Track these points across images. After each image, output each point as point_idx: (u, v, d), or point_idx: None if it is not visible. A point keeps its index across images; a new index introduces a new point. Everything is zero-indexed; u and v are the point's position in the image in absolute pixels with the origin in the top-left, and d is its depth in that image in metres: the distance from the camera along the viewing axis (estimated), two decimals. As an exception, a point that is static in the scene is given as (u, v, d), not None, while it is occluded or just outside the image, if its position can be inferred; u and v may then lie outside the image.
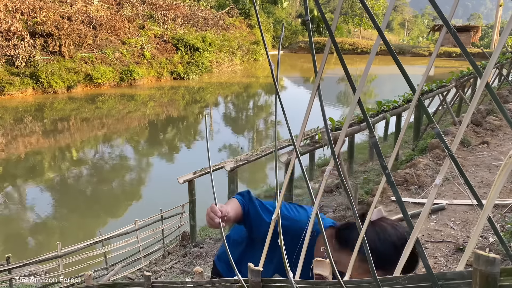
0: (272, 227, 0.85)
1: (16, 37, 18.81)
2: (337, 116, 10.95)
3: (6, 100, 17.58)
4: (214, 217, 1.27)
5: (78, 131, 15.31)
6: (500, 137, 6.27)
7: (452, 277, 0.58)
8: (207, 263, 5.07)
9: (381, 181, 0.71)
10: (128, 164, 11.98)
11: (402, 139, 4.74)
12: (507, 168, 0.54)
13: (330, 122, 4.97)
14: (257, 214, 1.43)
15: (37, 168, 11.70)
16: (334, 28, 0.66)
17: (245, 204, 1.45)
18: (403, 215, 0.62)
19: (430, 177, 4.66)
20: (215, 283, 0.88)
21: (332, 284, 0.70)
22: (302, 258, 0.77)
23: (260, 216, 1.42)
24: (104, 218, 8.85)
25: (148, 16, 27.90)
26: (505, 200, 3.83)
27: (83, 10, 23.73)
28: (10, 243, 7.64)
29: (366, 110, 0.65)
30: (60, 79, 19.25)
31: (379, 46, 0.66)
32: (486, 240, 3.14)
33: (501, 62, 10.24)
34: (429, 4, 0.62)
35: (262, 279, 0.80)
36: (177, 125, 16.77)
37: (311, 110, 0.72)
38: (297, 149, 0.72)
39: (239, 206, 1.44)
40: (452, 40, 30.45)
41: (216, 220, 1.27)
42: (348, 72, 0.66)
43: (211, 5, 36.68)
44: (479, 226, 0.57)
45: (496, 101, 0.56)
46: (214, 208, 1.29)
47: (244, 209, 1.43)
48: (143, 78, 22.85)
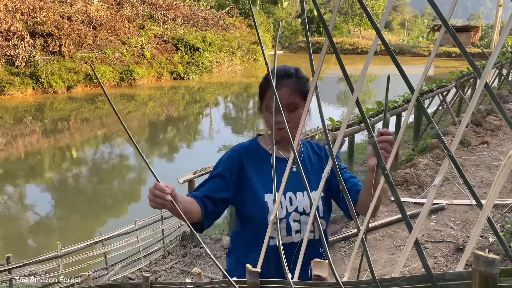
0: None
1: (16, 37, 18.81)
2: (337, 116, 10.94)
3: (6, 100, 17.57)
4: (161, 195, 1.07)
5: (78, 131, 15.31)
6: (500, 137, 6.27)
7: (452, 277, 0.58)
8: (207, 263, 5.07)
9: (380, 181, 0.71)
10: (128, 164, 11.97)
11: (402, 139, 4.76)
12: (506, 168, 0.53)
13: (330, 122, 4.96)
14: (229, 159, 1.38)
15: (37, 168, 11.70)
16: (332, 28, 0.65)
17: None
18: (402, 215, 0.62)
19: (430, 177, 4.66)
20: (214, 284, 0.88)
21: (331, 285, 0.70)
22: (301, 257, 0.77)
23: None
24: (104, 218, 8.85)
25: (148, 16, 27.91)
26: (505, 200, 3.82)
27: (83, 10, 23.73)
28: (10, 243, 7.64)
29: (365, 111, 0.65)
30: (60, 79, 19.25)
31: (379, 46, 0.66)
32: (486, 240, 3.13)
33: (501, 62, 10.24)
34: (429, 4, 0.62)
35: (260, 280, 0.79)
36: (177, 125, 16.77)
37: (309, 110, 0.72)
38: (294, 150, 0.72)
39: (193, 199, 1.28)
40: (452, 40, 30.31)
41: (167, 197, 1.07)
42: (346, 71, 0.66)
43: (211, 5, 36.69)
44: (479, 226, 0.57)
45: (496, 101, 0.56)
46: (158, 185, 1.08)
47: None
48: (143, 78, 22.85)
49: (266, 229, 1.32)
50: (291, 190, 1.36)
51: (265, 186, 1.36)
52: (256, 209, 1.34)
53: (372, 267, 0.65)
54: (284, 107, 1.29)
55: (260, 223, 1.33)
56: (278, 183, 1.36)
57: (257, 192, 1.35)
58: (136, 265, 6.69)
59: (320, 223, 1.34)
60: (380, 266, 3.03)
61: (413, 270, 2.83)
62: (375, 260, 3.11)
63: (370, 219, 0.78)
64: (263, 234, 1.33)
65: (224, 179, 1.35)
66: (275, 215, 0.82)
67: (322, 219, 1.38)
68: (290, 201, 1.35)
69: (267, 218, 1.32)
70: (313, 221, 1.32)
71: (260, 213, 1.33)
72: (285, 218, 1.34)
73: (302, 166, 1.35)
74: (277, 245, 1.31)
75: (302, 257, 0.77)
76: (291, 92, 1.29)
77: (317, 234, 1.36)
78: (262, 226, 1.33)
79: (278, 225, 1.31)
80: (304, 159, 1.42)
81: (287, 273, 0.75)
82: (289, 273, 0.76)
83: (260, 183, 1.36)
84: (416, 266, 2.86)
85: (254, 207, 1.35)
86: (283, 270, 0.78)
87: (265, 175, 1.38)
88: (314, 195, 1.37)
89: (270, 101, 1.31)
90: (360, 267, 1.37)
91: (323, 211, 1.39)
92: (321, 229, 0.73)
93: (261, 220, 1.33)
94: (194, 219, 1.27)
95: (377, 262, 3.09)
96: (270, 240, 1.34)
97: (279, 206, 1.34)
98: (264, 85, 1.35)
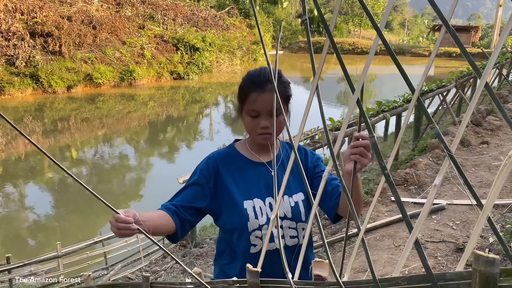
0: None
1: (16, 37, 18.81)
2: (337, 116, 10.95)
3: (6, 100, 17.58)
4: (126, 226, 0.99)
5: (78, 131, 15.31)
6: (500, 137, 6.27)
7: (452, 277, 0.58)
8: (207, 263, 5.08)
9: (380, 181, 0.71)
10: (128, 164, 11.98)
11: (402, 139, 4.77)
12: (507, 168, 0.54)
13: (330, 122, 4.97)
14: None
15: (37, 168, 11.71)
16: (332, 28, 0.65)
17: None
18: (402, 215, 0.62)
19: (430, 177, 4.66)
20: (213, 284, 0.88)
21: (331, 285, 0.70)
22: (301, 257, 0.77)
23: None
24: (104, 218, 8.85)
25: (148, 16, 27.91)
26: (505, 200, 3.83)
27: (83, 10, 23.73)
28: (10, 243, 7.64)
29: (366, 110, 0.65)
30: (60, 79, 19.25)
31: (379, 46, 0.66)
32: (486, 240, 3.14)
33: (501, 62, 10.24)
34: (429, 4, 0.62)
35: (260, 280, 0.79)
36: (177, 125, 16.77)
37: (309, 110, 0.72)
38: (295, 149, 0.72)
39: (162, 212, 1.23)
40: (452, 40, 30.33)
41: (133, 227, 0.99)
42: (347, 72, 0.66)
43: (211, 5, 36.68)
44: (479, 226, 0.57)
45: (496, 101, 0.56)
46: (120, 218, 0.99)
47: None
48: (143, 78, 22.85)
49: (246, 237, 1.31)
50: (270, 195, 1.33)
51: (244, 193, 1.32)
52: (235, 217, 1.30)
53: (372, 267, 0.65)
54: (267, 112, 1.27)
55: (240, 231, 1.30)
56: (257, 188, 1.34)
57: (236, 199, 1.31)
58: (136, 265, 6.69)
59: (303, 228, 1.33)
60: (380, 266, 3.03)
61: (413, 270, 2.83)
62: (375, 260, 3.11)
63: (351, 223, 0.78)
64: (244, 242, 1.31)
65: (201, 187, 1.32)
66: (274, 219, 0.82)
67: (305, 223, 1.33)
68: (270, 206, 1.32)
69: (247, 226, 1.29)
70: (295, 227, 1.32)
71: (240, 221, 1.29)
72: (266, 224, 1.29)
73: (280, 170, 1.34)
74: (259, 252, 1.28)
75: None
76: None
77: (301, 239, 1.33)
78: (243, 234, 1.30)
79: (261, 232, 1.29)
80: (282, 162, 1.38)
81: (287, 273, 0.75)
82: (290, 273, 0.76)
83: (238, 190, 1.33)
84: (416, 266, 2.86)
85: (233, 215, 1.31)
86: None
87: (243, 182, 1.34)
88: (294, 199, 1.34)
89: (252, 105, 1.27)
90: (342, 264, 1.37)
91: (305, 215, 1.35)
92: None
93: (241, 228, 1.29)
94: (166, 233, 1.23)
95: (377, 262, 3.09)
96: (251, 247, 1.30)
97: (260, 213, 1.30)
98: (244, 87, 1.31)
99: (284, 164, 1.38)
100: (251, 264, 1.34)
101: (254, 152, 1.39)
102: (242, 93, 1.32)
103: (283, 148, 1.44)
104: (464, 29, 39.31)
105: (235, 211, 1.30)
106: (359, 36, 47.62)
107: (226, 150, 1.44)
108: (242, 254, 1.32)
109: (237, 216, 1.30)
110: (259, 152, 1.39)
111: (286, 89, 1.32)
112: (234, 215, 1.30)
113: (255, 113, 1.28)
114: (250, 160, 1.38)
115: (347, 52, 38.85)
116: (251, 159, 1.39)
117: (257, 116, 1.28)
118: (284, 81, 1.33)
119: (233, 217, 1.31)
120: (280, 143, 1.45)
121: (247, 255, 1.31)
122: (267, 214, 1.30)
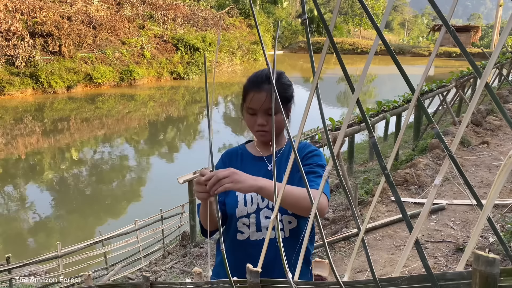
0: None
1: (16, 37, 18.81)
2: (337, 116, 10.95)
3: (6, 100, 17.58)
4: (204, 189, 1.07)
5: (78, 131, 15.31)
6: (500, 137, 6.27)
7: (452, 277, 0.58)
8: (207, 263, 5.07)
9: (380, 181, 0.71)
10: (128, 164, 11.98)
11: (402, 139, 4.75)
12: (507, 168, 0.53)
13: (330, 122, 4.97)
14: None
15: (37, 168, 11.71)
16: (332, 28, 0.65)
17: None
18: (402, 215, 0.62)
19: (430, 177, 4.66)
20: (214, 284, 0.88)
21: (331, 285, 0.70)
22: (301, 256, 0.77)
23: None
24: (104, 218, 8.85)
25: (148, 16, 27.92)
26: (505, 200, 3.83)
27: (83, 10, 23.73)
28: (10, 243, 7.64)
29: (366, 110, 0.65)
30: (60, 79, 19.26)
31: (379, 46, 0.66)
32: (486, 240, 3.14)
33: (501, 62, 10.24)
34: (429, 4, 0.62)
35: (261, 280, 0.79)
36: (177, 125, 16.77)
37: (309, 110, 0.72)
38: (295, 149, 0.72)
39: None
40: (452, 40, 30.38)
41: (211, 199, 1.08)
42: (347, 71, 0.66)
43: (211, 5, 36.69)
44: (479, 226, 0.57)
45: (496, 101, 0.56)
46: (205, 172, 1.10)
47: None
48: (143, 78, 22.86)
49: (234, 223, 1.37)
50: None
51: None
52: (228, 203, 1.38)
53: (372, 266, 0.65)
54: (263, 111, 1.33)
55: (230, 217, 1.37)
56: None
57: None
58: (136, 265, 6.70)
59: (289, 221, 1.34)
60: (380, 266, 3.03)
61: (413, 270, 2.83)
62: (375, 260, 3.11)
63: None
64: (232, 228, 1.37)
65: None
66: (276, 211, 0.82)
67: (291, 216, 1.34)
68: (262, 197, 1.36)
69: (235, 212, 1.35)
70: (281, 219, 1.33)
71: (230, 207, 1.37)
72: (254, 213, 1.34)
73: (278, 164, 1.39)
74: (245, 240, 1.35)
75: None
76: (270, 97, 1.31)
77: (287, 232, 1.34)
78: (232, 220, 1.37)
79: (248, 220, 1.34)
80: (282, 157, 1.43)
81: (287, 273, 0.75)
82: (290, 273, 0.76)
83: None
84: (416, 266, 2.86)
85: (228, 201, 1.38)
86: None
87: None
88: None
89: (249, 103, 1.35)
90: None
91: None
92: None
93: (230, 214, 1.37)
94: (213, 225, 1.28)
95: (377, 262, 3.09)
96: (238, 234, 1.36)
97: (250, 201, 1.36)
98: (245, 86, 1.39)
99: (282, 159, 1.43)
100: (237, 251, 1.33)
101: (259, 149, 1.47)
102: (243, 92, 1.41)
103: (287, 144, 1.49)
104: (464, 29, 39.31)
105: (228, 197, 1.39)
106: (359, 36, 47.63)
107: (236, 148, 1.54)
108: (230, 240, 1.39)
109: (229, 202, 1.38)
110: (264, 149, 1.47)
111: (285, 90, 1.37)
112: (228, 201, 1.38)
113: (252, 111, 1.36)
114: (253, 155, 1.47)
115: (347, 52, 38.85)
116: (254, 155, 1.47)
117: (254, 114, 1.35)
118: (283, 82, 1.38)
119: (229, 204, 1.38)
120: (288, 142, 1.49)
121: (234, 241, 1.37)
122: (258, 203, 1.36)
